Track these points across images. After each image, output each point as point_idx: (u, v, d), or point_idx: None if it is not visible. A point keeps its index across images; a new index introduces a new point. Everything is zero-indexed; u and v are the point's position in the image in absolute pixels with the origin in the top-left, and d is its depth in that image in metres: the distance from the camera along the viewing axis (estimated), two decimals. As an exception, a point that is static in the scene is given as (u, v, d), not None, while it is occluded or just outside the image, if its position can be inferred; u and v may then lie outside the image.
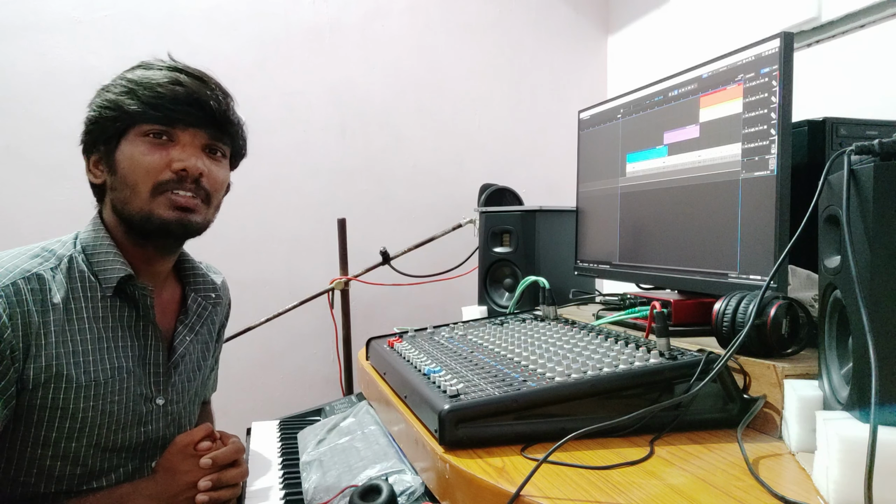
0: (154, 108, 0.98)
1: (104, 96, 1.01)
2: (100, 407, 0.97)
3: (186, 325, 1.12)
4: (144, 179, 0.98)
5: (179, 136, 1.00)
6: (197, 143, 1.02)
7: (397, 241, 2.15)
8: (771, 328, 0.83)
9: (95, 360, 0.97)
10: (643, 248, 1.30)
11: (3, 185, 1.97)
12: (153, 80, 0.99)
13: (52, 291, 0.95)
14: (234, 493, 1.05)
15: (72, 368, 0.94)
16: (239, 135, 1.11)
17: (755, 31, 1.65)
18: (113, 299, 1.00)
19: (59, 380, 0.93)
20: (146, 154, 0.98)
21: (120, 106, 0.98)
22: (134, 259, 1.04)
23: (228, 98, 1.07)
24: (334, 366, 2.17)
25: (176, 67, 1.03)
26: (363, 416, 1.16)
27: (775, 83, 0.96)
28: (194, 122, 1.00)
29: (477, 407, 0.76)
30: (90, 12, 2.04)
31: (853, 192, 0.65)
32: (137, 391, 1.02)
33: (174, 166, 0.98)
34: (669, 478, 0.67)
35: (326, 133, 2.31)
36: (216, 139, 1.05)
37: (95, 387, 0.96)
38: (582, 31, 2.60)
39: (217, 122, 1.03)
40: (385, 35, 2.36)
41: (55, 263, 0.97)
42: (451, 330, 1.25)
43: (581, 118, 1.57)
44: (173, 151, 0.99)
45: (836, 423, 0.61)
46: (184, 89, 0.99)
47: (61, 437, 0.94)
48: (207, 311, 1.18)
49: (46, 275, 0.95)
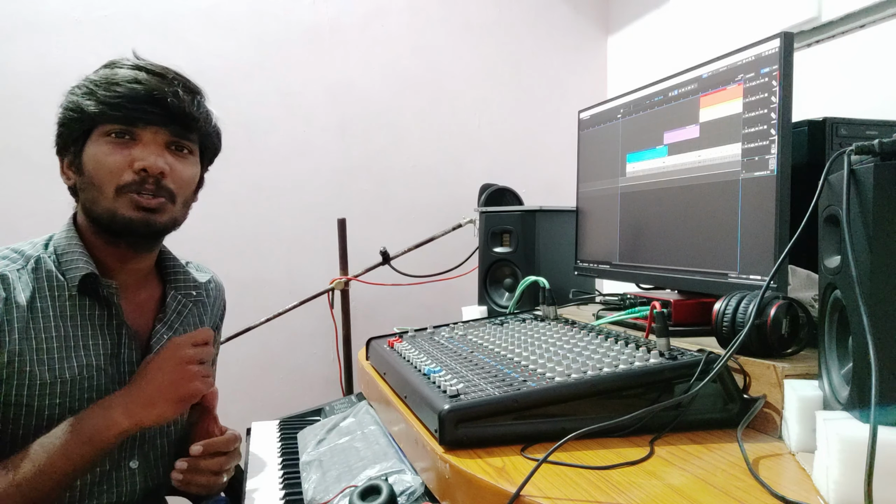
0: (113, 108, 0.98)
1: (69, 98, 1.02)
2: (66, 404, 0.97)
3: (165, 322, 1.12)
4: (108, 180, 0.98)
5: (140, 134, 1.00)
6: (159, 141, 1.02)
7: (397, 241, 2.15)
8: (771, 328, 0.83)
9: (61, 358, 0.97)
10: (643, 248, 1.30)
11: (3, 185, 1.97)
12: (113, 80, 0.99)
13: (16, 290, 0.96)
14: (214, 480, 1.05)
15: (35, 365, 0.94)
16: (207, 130, 1.09)
17: (755, 31, 1.64)
18: (81, 298, 1.01)
19: (22, 376, 0.93)
20: (108, 154, 0.99)
21: (81, 108, 0.99)
22: (107, 258, 1.05)
23: (194, 94, 1.06)
24: (334, 366, 2.17)
25: (137, 65, 1.03)
26: (363, 416, 1.16)
27: (775, 83, 0.96)
28: (154, 120, 1.00)
29: (477, 407, 0.75)
30: (90, 12, 2.04)
31: (853, 192, 0.65)
32: (110, 389, 1.01)
33: (135, 165, 0.98)
34: (669, 478, 0.67)
35: (326, 133, 2.31)
36: (179, 136, 1.04)
37: (61, 384, 0.96)
38: (582, 31, 2.60)
39: (178, 118, 1.02)
40: (385, 35, 2.36)
41: (22, 264, 0.99)
42: (451, 330, 1.25)
43: (581, 118, 1.57)
44: (135, 150, 0.99)
45: (836, 423, 0.61)
46: (142, 87, 0.99)
47: (28, 434, 0.94)
48: (188, 308, 1.17)
49: (11, 275, 0.97)
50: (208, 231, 2.12)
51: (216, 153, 1.16)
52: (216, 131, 1.13)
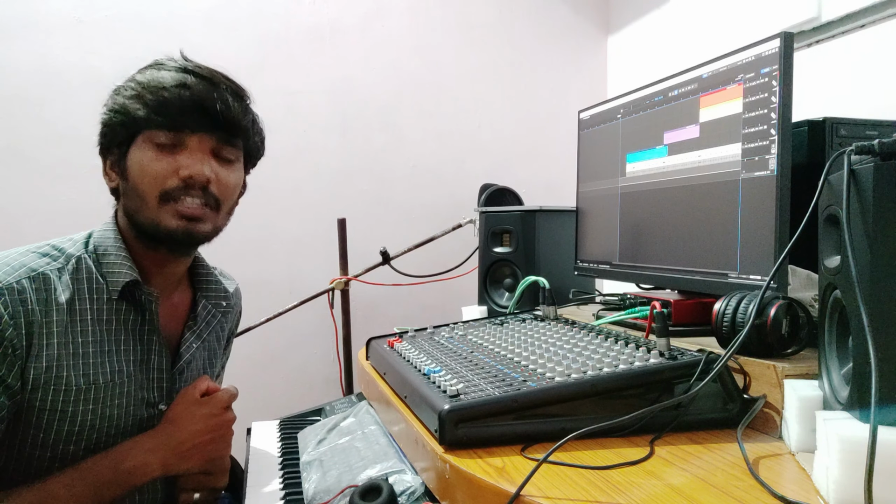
0: (159, 114, 0.96)
1: (115, 99, 1.00)
2: (98, 411, 0.96)
3: (194, 331, 1.11)
4: (152, 187, 0.97)
5: (187, 141, 0.98)
6: (205, 148, 1.00)
7: (397, 241, 2.15)
8: (771, 328, 0.83)
9: (95, 363, 0.96)
10: (643, 248, 1.30)
11: (5, 185, 1.97)
12: (160, 84, 0.97)
13: (56, 291, 0.94)
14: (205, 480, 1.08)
15: (71, 370, 0.93)
16: (252, 135, 1.08)
17: (755, 31, 1.64)
18: (119, 302, 1.00)
19: (59, 382, 0.93)
20: (153, 161, 0.97)
21: (128, 111, 0.97)
22: (145, 262, 1.03)
23: (241, 98, 1.04)
24: (334, 366, 2.17)
25: (185, 68, 1.00)
26: (363, 416, 1.16)
27: (775, 83, 0.96)
28: (201, 127, 0.98)
29: (477, 407, 0.76)
30: (91, 12, 2.04)
31: (853, 192, 0.65)
32: (139, 396, 1.01)
33: (181, 173, 0.97)
34: (669, 478, 0.67)
35: (326, 133, 2.31)
36: (225, 142, 1.02)
37: (95, 390, 0.95)
38: (582, 31, 2.60)
39: (225, 125, 1.00)
40: (385, 35, 2.36)
41: (63, 263, 0.97)
42: (451, 330, 1.25)
43: (581, 118, 1.57)
44: (180, 157, 0.97)
45: (836, 423, 0.61)
46: (190, 93, 0.97)
47: (59, 439, 0.94)
48: (217, 318, 1.17)
49: (52, 275, 0.94)
50: (208, 231, 2.11)
51: (260, 157, 1.14)
52: (261, 136, 1.11)
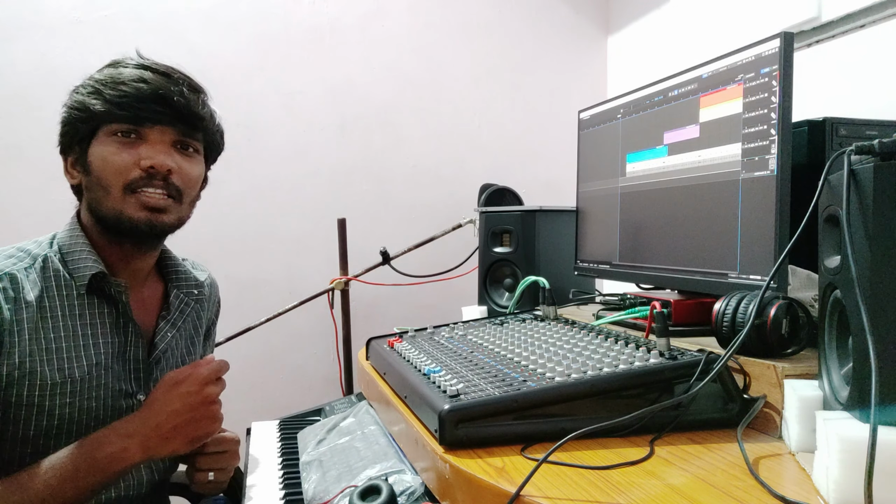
0: (119, 108, 0.98)
1: (74, 97, 1.01)
2: (77, 404, 0.97)
3: (168, 320, 1.12)
4: (115, 179, 0.98)
5: (147, 133, 1.00)
6: (166, 140, 1.02)
7: (397, 241, 2.15)
8: (771, 328, 0.83)
9: (70, 358, 0.97)
10: (643, 248, 1.30)
11: (4, 185, 1.97)
12: (118, 79, 0.99)
13: (24, 290, 0.95)
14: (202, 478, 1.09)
15: (45, 366, 0.94)
16: (212, 129, 1.10)
17: (755, 31, 1.64)
18: (89, 297, 1.01)
19: (34, 377, 0.93)
20: (115, 153, 0.99)
21: (87, 107, 0.99)
22: (111, 257, 1.04)
23: (199, 93, 1.06)
24: (334, 366, 2.17)
25: (142, 65, 1.03)
26: (363, 416, 1.16)
27: (775, 83, 0.96)
28: (161, 119, 1.00)
29: (477, 407, 0.76)
30: (90, 12, 2.04)
31: (853, 192, 0.65)
32: (116, 387, 1.01)
33: (142, 164, 0.99)
34: (669, 478, 0.67)
35: (326, 133, 2.31)
36: (186, 135, 1.04)
37: (71, 384, 0.96)
38: (582, 31, 2.59)
39: (185, 117, 1.02)
40: (385, 35, 2.36)
41: (29, 263, 0.98)
42: (451, 330, 1.25)
43: (581, 118, 1.57)
44: (142, 149, 0.99)
45: (836, 423, 0.61)
46: (148, 86, 0.99)
47: (39, 434, 0.94)
48: (190, 306, 1.18)
49: (20, 274, 0.96)
50: (208, 231, 2.12)
51: (219, 152, 1.17)
52: (220, 130, 1.14)
